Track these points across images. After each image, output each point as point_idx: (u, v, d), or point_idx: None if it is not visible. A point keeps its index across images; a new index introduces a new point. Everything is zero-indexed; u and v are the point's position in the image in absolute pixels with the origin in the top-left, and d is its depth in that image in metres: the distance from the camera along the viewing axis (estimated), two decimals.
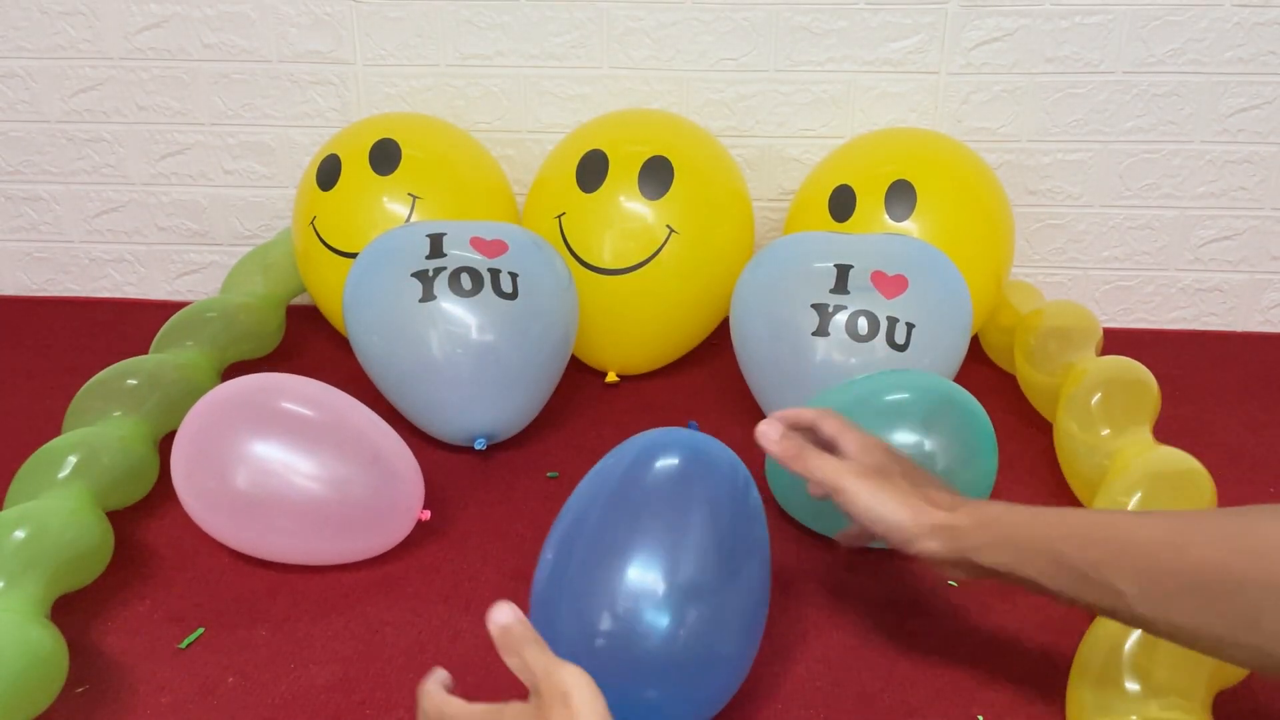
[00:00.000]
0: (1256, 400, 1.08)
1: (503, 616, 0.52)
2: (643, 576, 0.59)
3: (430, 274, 0.91)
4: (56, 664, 0.66)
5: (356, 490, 0.78)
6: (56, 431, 0.90)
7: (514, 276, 0.92)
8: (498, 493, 0.91)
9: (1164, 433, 0.87)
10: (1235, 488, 0.89)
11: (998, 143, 1.17)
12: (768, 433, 0.66)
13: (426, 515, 0.82)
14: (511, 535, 0.85)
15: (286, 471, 0.76)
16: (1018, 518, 0.59)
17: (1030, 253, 1.22)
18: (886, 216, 1.01)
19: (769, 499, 0.87)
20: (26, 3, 1.18)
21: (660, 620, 0.58)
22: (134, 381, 0.92)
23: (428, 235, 0.94)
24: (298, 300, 1.20)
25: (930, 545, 0.61)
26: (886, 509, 0.62)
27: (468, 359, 0.90)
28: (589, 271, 1.03)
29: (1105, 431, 0.86)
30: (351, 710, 0.68)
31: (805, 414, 0.70)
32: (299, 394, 0.80)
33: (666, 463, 0.64)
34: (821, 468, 0.65)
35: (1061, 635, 0.73)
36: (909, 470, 0.66)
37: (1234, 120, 1.14)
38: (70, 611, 0.76)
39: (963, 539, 0.60)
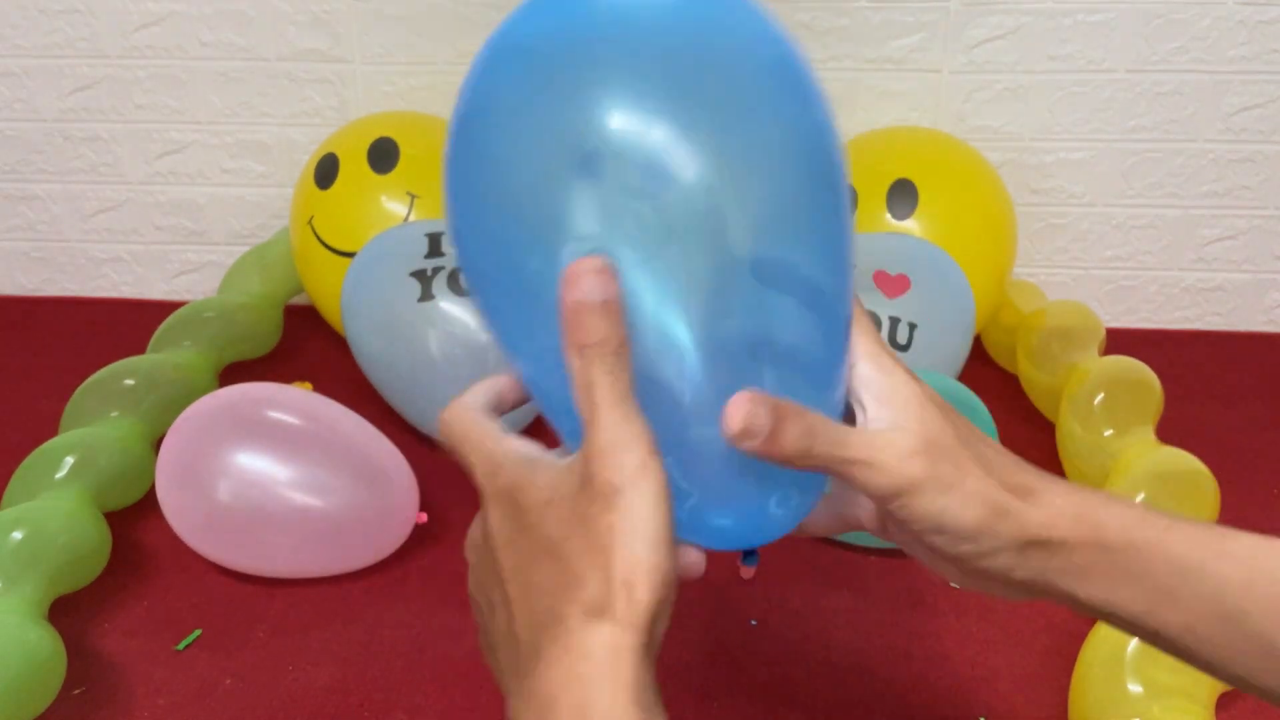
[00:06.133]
0: (1260, 400, 1.07)
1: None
2: None
3: (429, 273, 0.90)
4: (54, 665, 0.66)
5: (349, 507, 0.77)
6: (54, 432, 0.89)
7: None
8: None
9: (1167, 433, 0.87)
10: (1238, 489, 0.88)
11: (1000, 141, 1.16)
12: (749, 414, 0.36)
13: (423, 518, 0.82)
14: None
15: (277, 488, 0.75)
16: (1147, 534, 0.38)
17: (1033, 252, 1.21)
18: (888, 215, 1.00)
19: None
20: (24, 0, 1.17)
21: None
22: (131, 382, 0.92)
23: (426, 234, 0.93)
24: (296, 300, 1.19)
25: (1005, 562, 0.39)
26: (953, 512, 0.38)
27: (467, 359, 0.89)
28: None
29: (1108, 432, 0.86)
30: (350, 712, 0.68)
31: None
32: (285, 405, 0.79)
33: None
34: (844, 446, 0.37)
35: (1065, 637, 0.73)
36: (961, 428, 0.40)
37: (1237, 119, 1.13)
38: (67, 613, 0.75)
39: (1059, 556, 0.38)
